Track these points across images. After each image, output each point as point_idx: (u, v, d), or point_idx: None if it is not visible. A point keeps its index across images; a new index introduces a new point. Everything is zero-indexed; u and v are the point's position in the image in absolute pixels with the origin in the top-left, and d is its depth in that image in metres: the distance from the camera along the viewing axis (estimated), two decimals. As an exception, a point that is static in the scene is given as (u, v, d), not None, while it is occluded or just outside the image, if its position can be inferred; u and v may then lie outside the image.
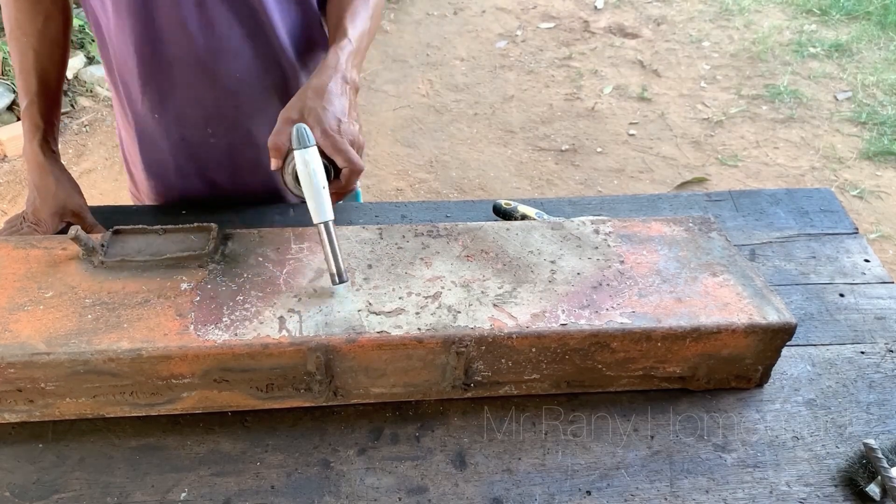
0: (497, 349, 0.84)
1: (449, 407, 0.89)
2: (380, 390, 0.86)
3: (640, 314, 0.86)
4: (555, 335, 0.83)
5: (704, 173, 3.01)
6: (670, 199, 1.23)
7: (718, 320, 0.85)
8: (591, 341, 0.84)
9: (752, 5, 4.25)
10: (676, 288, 0.90)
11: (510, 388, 0.88)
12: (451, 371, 0.85)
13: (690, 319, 0.85)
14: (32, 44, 1.05)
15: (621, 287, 0.90)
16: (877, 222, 2.74)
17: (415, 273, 0.91)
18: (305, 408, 0.87)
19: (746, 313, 0.86)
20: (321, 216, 0.85)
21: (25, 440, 0.85)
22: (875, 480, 0.80)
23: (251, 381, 0.83)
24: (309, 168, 0.85)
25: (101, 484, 0.81)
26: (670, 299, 0.88)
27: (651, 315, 0.86)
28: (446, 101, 3.47)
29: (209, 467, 0.83)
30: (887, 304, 1.04)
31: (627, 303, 0.88)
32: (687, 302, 0.88)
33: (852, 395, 0.92)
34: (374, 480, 0.82)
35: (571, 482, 0.82)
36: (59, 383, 0.81)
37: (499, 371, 0.86)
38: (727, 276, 0.92)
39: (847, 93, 3.49)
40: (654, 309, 0.87)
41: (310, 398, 0.86)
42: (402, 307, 0.86)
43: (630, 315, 0.86)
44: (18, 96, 1.08)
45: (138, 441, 0.85)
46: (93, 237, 0.92)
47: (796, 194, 1.23)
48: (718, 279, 0.91)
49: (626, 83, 3.60)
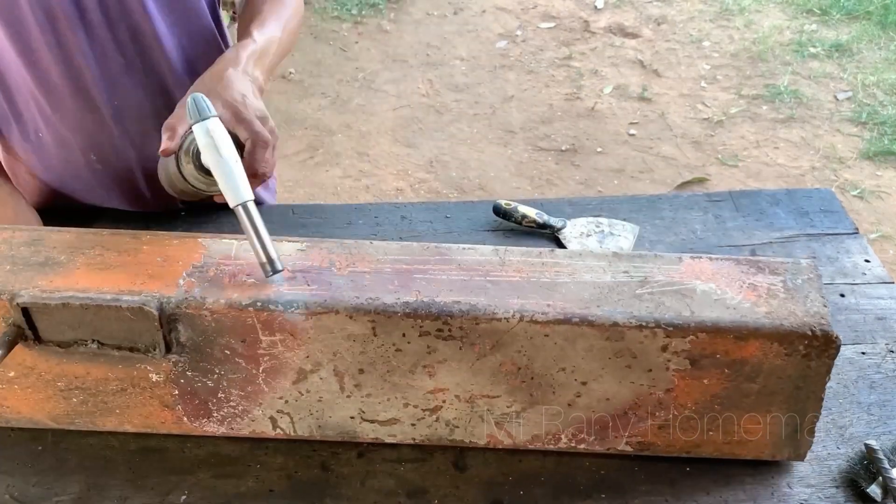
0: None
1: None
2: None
3: (647, 443, 0.81)
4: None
5: (705, 173, 3.00)
6: (670, 199, 1.22)
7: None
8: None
9: (752, 5, 4.25)
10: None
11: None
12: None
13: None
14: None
15: (647, 416, 0.78)
16: (877, 222, 2.74)
17: (414, 383, 0.77)
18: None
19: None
20: (238, 197, 0.72)
21: (25, 443, 0.85)
22: (876, 481, 0.80)
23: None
24: (214, 138, 0.71)
25: (101, 487, 0.80)
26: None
27: (660, 447, 0.81)
28: (446, 101, 3.47)
29: (209, 470, 0.82)
30: (888, 304, 1.04)
31: (641, 431, 0.80)
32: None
33: (853, 396, 0.92)
34: (374, 483, 0.82)
35: (572, 484, 0.82)
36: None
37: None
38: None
39: (847, 93, 3.49)
40: (665, 444, 0.81)
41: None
42: (396, 417, 0.80)
43: (636, 444, 0.81)
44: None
45: (138, 444, 0.85)
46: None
47: (796, 194, 1.23)
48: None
49: (627, 83, 3.60)
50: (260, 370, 0.76)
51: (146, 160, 1.09)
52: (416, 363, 0.76)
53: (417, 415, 0.80)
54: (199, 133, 0.72)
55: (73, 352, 0.76)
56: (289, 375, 0.77)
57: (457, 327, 0.73)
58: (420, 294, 0.74)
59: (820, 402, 0.78)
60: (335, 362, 0.76)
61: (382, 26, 3.91)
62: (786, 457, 0.82)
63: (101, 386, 0.79)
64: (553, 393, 0.77)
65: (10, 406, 0.82)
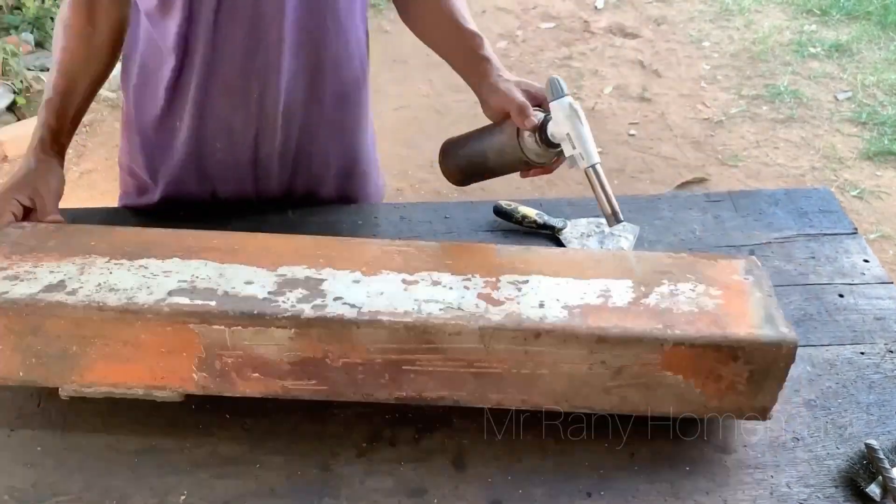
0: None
1: (448, 408, 0.89)
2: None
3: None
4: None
5: (705, 173, 3.00)
6: (669, 199, 1.22)
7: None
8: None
9: (752, 5, 4.25)
10: None
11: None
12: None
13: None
14: (72, 46, 1.05)
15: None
16: (877, 222, 2.74)
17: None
18: (305, 410, 0.87)
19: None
20: (591, 159, 0.87)
21: (24, 443, 0.85)
22: (876, 481, 0.80)
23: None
24: (577, 111, 0.87)
25: (100, 487, 0.81)
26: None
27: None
28: (447, 102, 3.46)
29: (208, 470, 0.82)
30: (886, 304, 1.04)
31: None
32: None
33: (852, 396, 0.92)
34: (373, 483, 0.82)
35: (572, 483, 0.82)
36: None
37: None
38: None
39: (847, 93, 3.49)
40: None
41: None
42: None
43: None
44: (44, 90, 1.06)
45: (137, 444, 0.85)
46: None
47: (795, 194, 1.23)
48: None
49: (627, 83, 3.60)
50: None
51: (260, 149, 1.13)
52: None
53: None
54: (562, 106, 0.88)
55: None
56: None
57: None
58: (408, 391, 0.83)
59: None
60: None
61: (383, 26, 3.90)
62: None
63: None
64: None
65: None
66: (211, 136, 1.10)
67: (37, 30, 3.54)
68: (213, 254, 0.88)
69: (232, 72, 1.04)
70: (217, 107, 1.07)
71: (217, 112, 1.08)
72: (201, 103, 1.07)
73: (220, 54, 1.03)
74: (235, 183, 1.16)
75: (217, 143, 1.11)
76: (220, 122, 1.09)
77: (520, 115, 0.92)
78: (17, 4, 3.53)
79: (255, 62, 1.03)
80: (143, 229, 0.94)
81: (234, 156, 1.12)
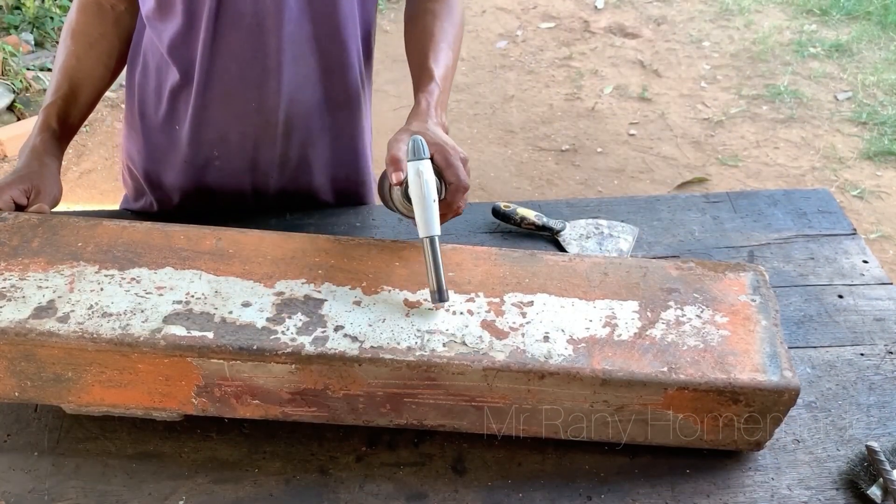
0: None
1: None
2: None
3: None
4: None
5: (705, 173, 3.00)
6: (668, 200, 1.22)
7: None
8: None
9: (752, 5, 4.24)
10: None
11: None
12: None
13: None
14: (78, 51, 1.05)
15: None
16: (877, 222, 2.74)
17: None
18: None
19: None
20: (428, 230, 0.83)
21: (21, 448, 0.84)
22: (876, 483, 0.80)
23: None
24: (422, 179, 0.83)
25: (98, 492, 0.80)
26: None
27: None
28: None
29: (207, 475, 0.82)
30: (886, 305, 1.04)
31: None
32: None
33: (852, 398, 0.91)
34: (373, 487, 0.82)
35: (572, 487, 0.82)
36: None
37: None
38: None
39: (847, 93, 3.48)
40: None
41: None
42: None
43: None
44: (46, 93, 1.06)
45: (135, 449, 0.84)
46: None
47: (794, 195, 1.23)
48: None
49: (627, 83, 3.59)
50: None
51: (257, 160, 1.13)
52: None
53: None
54: (411, 171, 0.84)
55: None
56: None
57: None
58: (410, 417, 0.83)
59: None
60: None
61: (382, 26, 3.90)
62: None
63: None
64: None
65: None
66: (210, 143, 1.10)
67: (36, 29, 3.54)
68: (206, 262, 0.86)
69: (231, 79, 1.03)
70: (216, 114, 1.07)
71: (216, 119, 1.07)
72: (201, 109, 1.07)
73: (220, 61, 1.02)
74: (234, 188, 1.15)
75: (216, 150, 1.11)
76: (220, 129, 1.08)
77: (390, 166, 0.89)
78: (17, 4, 3.53)
79: (255, 70, 1.03)
80: (130, 225, 0.91)
81: (233, 163, 1.12)
